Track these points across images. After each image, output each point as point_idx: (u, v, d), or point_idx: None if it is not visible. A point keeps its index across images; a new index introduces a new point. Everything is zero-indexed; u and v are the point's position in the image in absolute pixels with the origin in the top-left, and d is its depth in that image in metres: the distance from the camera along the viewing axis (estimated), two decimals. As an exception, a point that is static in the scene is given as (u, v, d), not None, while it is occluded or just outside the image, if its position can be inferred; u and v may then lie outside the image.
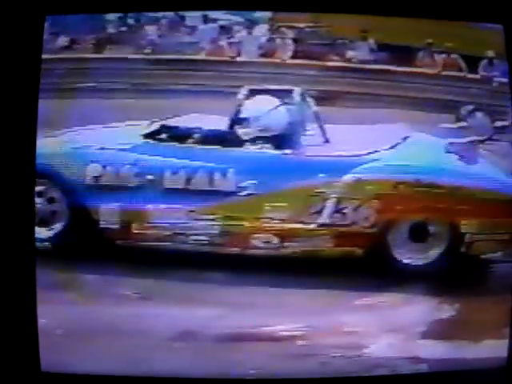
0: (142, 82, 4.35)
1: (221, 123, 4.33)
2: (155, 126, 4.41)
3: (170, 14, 4.41)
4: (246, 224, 4.25)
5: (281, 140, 4.31)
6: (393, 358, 4.03)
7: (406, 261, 4.32)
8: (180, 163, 4.30)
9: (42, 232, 4.29)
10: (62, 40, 4.31)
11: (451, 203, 4.25)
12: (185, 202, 4.25)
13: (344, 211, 4.25)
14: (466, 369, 4.01)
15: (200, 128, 4.36)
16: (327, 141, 4.37)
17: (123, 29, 4.41)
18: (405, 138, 4.38)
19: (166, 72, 4.43)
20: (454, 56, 4.45)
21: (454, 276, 4.26)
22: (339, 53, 4.46)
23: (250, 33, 4.47)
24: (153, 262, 4.21)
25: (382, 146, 4.33)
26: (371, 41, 4.44)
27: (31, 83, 3.93)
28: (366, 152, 4.29)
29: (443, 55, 4.47)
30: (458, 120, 4.40)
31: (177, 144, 4.36)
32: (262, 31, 4.46)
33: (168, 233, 4.26)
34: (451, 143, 4.36)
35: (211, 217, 4.25)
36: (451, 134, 4.37)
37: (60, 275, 4.13)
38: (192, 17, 4.44)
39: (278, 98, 4.32)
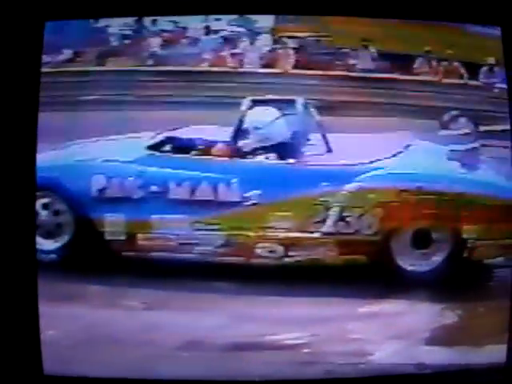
0: (145, 94, 4.34)
1: (224, 134, 4.35)
2: (159, 138, 4.43)
3: (172, 25, 4.43)
4: (251, 234, 4.27)
5: (284, 150, 4.34)
6: (397, 364, 4.06)
7: (409, 267, 4.34)
8: (184, 174, 4.32)
9: (48, 244, 4.33)
10: (66, 53, 4.33)
11: (453, 210, 4.27)
12: (189, 212, 4.27)
13: (347, 219, 4.27)
14: (469, 374, 4.06)
15: (203, 139, 4.38)
16: (330, 150, 4.38)
17: (126, 41, 4.42)
18: (407, 146, 4.40)
19: (169, 84, 4.44)
20: (454, 63, 4.47)
21: (457, 282, 4.28)
22: (341, 62, 4.47)
23: (252, 43, 4.48)
24: (158, 273, 4.22)
25: (384, 154, 4.35)
26: (372, 49, 4.46)
27: (30, 91, 3.94)
28: (368, 161, 4.32)
29: (444, 63, 4.49)
30: (460, 127, 4.43)
31: (181, 155, 4.38)
32: (263, 42, 4.48)
33: (173, 243, 4.28)
34: (452, 150, 4.38)
35: (216, 227, 4.27)
36: (452, 141, 4.40)
37: (66, 287, 4.16)
38: (194, 28, 4.45)
39: (281, 108, 4.35)
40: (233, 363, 4.01)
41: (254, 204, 4.27)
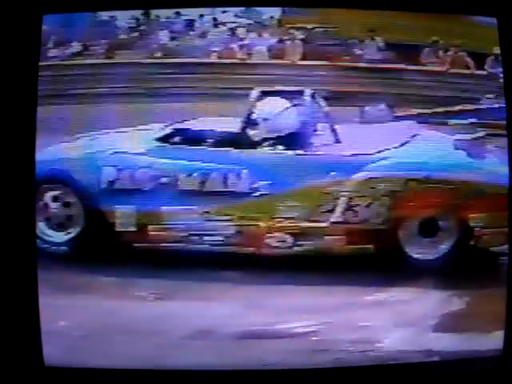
0: (154, 87, 4.38)
1: (233, 125, 4.37)
2: (168, 130, 4.46)
3: (181, 17, 4.44)
4: (260, 224, 4.31)
5: (293, 140, 4.37)
6: (405, 351, 4.09)
7: (416, 256, 4.38)
8: (194, 165, 4.35)
9: (59, 236, 4.37)
10: (75, 46, 4.35)
11: (460, 198, 4.31)
12: (199, 203, 4.30)
13: (356, 209, 4.31)
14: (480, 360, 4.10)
15: (213, 130, 4.41)
16: (338, 140, 4.42)
17: (134, 34, 4.44)
18: (414, 136, 4.44)
19: (178, 76, 4.46)
20: (461, 53, 4.50)
21: (465, 269, 4.32)
22: (348, 53, 4.51)
23: (259, 35, 4.51)
24: (169, 263, 4.26)
25: (392, 144, 4.38)
26: (379, 40, 4.49)
27: (28, 85, 3.93)
28: (376, 150, 4.35)
29: (451, 52, 4.52)
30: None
31: (190, 147, 4.41)
32: (271, 33, 4.51)
33: (183, 234, 4.31)
34: (459, 139, 4.42)
35: (226, 217, 4.30)
36: (459, 131, 4.43)
37: (78, 278, 4.20)
38: (202, 20, 4.48)
39: (289, 99, 4.37)
40: (243, 352, 4.03)
41: (263, 194, 4.31)
